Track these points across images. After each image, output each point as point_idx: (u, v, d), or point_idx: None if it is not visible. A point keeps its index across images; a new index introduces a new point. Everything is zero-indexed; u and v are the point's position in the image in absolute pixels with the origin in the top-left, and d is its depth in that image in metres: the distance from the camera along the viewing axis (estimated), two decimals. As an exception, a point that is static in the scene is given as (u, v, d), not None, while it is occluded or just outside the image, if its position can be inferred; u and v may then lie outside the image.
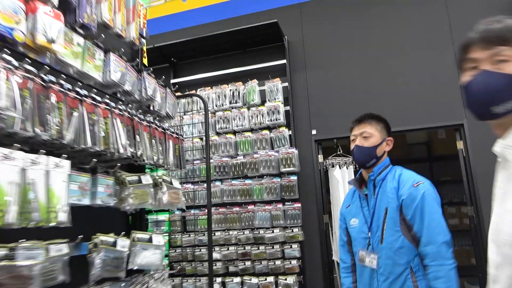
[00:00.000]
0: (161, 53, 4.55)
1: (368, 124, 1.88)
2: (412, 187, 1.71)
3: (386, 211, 1.72)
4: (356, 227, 1.85)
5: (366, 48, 4.15)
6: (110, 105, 1.17)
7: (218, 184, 4.02)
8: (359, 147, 1.84)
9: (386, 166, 1.86)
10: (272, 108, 4.00)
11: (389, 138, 1.93)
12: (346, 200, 2.05)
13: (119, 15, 1.30)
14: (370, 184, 1.83)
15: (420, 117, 3.85)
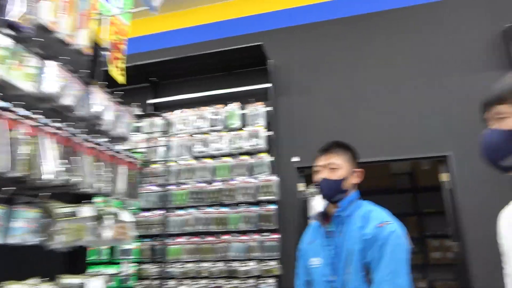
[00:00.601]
0: (140, 72, 4.38)
1: (335, 155, 1.71)
2: (377, 227, 1.54)
3: (350, 253, 1.55)
4: (317, 268, 1.65)
5: (352, 76, 4.06)
6: (40, 122, 0.98)
7: (192, 211, 3.78)
8: (326, 180, 1.66)
9: (353, 201, 1.70)
10: (252, 133, 3.83)
11: (358, 169, 1.75)
12: (307, 235, 1.84)
13: (66, 19, 1.12)
14: (335, 221, 1.65)
15: (404, 147, 3.73)
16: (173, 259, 3.72)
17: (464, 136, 3.59)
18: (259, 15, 4.61)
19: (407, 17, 4.10)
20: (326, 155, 1.71)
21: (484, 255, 3.30)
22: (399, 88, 3.90)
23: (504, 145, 0.93)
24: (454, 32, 3.92)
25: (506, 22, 3.69)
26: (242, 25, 4.61)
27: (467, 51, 3.83)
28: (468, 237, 3.37)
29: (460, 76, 3.78)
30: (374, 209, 1.66)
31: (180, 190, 3.87)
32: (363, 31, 4.17)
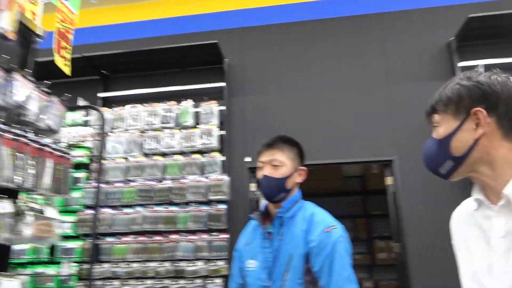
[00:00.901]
0: (91, 64, 4.20)
1: (279, 151, 1.58)
2: (324, 232, 1.44)
3: (290, 258, 1.44)
4: (253, 271, 1.52)
5: (306, 79, 4.13)
6: None
7: (140, 209, 3.67)
8: (268, 178, 1.53)
9: (296, 201, 1.59)
10: (205, 132, 3.79)
11: (302, 168, 1.63)
12: (244, 235, 1.70)
13: (-17, -1, 1.04)
14: (276, 222, 1.54)
15: (355, 151, 3.85)
16: (118, 258, 3.60)
17: (407, 142, 3.77)
18: (215, 14, 4.57)
19: (358, 26, 4.23)
20: (270, 150, 1.59)
21: (422, 256, 3.48)
22: (351, 93, 4.01)
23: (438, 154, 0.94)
24: (401, 43, 4.10)
25: (450, 36, 3.92)
26: (197, 22, 4.55)
27: (413, 61, 4.02)
28: (408, 238, 3.53)
29: (406, 85, 3.96)
30: (317, 211, 1.57)
31: (129, 187, 3.75)
32: (317, 36, 4.26)
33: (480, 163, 0.90)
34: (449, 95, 0.94)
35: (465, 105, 0.90)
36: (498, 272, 0.85)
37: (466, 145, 0.90)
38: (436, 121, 0.97)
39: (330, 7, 4.37)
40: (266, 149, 1.60)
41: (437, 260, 3.46)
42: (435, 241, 3.49)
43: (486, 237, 0.90)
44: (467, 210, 1.02)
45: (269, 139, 1.63)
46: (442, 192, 3.60)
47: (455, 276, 3.43)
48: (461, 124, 0.91)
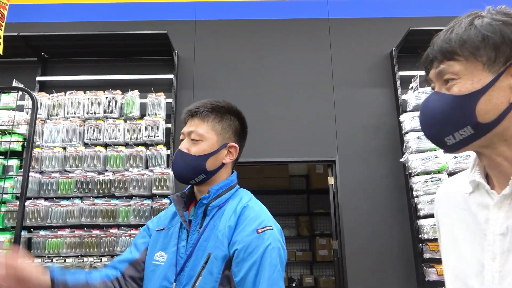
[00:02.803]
0: (28, 44, 3.91)
1: (201, 121, 1.23)
2: (255, 233, 1.11)
3: (207, 259, 1.11)
4: (159, 266, 1.18)
5: (257, 76, 4.16)
6: None
7: (77, 202, 3.49)
8: (181, 154, 1.21)
9: (229, 187, 1.25)
10: (151, 124, 3.69)
11: (232, 144, 1.27)
12: (162, 218, 1.32)
13: None
14: (199, 210, 1.20)
15: (301, 150, 3.95)
16: (52, 253, 3.40)
17: (348, 144, 3.94)
18: (167, 4, 4.45)
19: (308, 29, 4.33)
20: (192, 120, 1.25)
21: (358, 253, 3.65)
22: (299, 94, 4.11)
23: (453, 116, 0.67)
24: (347, 49, 4.27)
25: (392, 46, 4.14)
26: (148, 10, 4.40)
27: (357, 67, 4.20)
28: (346, 236, 3.69)
29: (350, 90, 4.13)
30: (251, 204, 1.20)
31: (66, 178, 3.55)
32: (268, 35, 4.30)
33: (502, 138, 0.66)
34: (485, 33, 0.65)
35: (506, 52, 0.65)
36: (491, 277, 0.67)
37: (499, 108, 0.64)
38: (454, 71, 0.68)
39: (283, 8, 4.43)
40: (187, 117, 1.26)
41: (370, 258, 3.65)
42: (370, 240, 3.68)
43: (480, 230, 0.70)
44: (457, 191, 0.80)
45: (196, 103, 1.28)
46: (379, 192, 3.81)
47: (386, 273, 3.64)
48: (497, 77, 0.65)
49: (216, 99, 1.29)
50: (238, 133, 1.30)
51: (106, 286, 1.16)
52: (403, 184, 3.81)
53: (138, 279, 1.22)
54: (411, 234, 3.65)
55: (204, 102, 1.27)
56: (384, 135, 3.98)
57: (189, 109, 1.27)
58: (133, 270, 1.23)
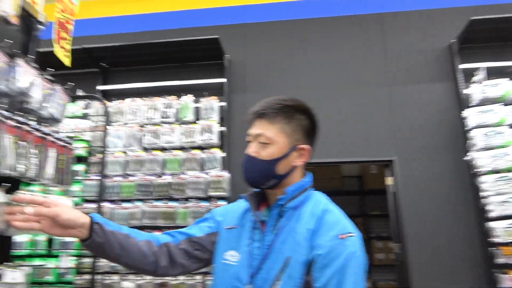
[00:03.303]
0: (90, 56, 4.16)
1: (270, 123, 1.17)
2: (337, 238, 1.07)
3: (286, 263, 1.07)
4: (231, 267, 1.15)
5: (306, 76, 4.12)
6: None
7: (139, 204, 3.64)
8: (250, 159, 1.17)
9: (304, 189, 1.20)
10: (205, 127, 3.76)
11: (303, 146, 1.19)
12: (230, 213, 1.30)
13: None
14: (274, 211, 1.17)
15: (354, 150, 3.84)
16: (115, 253, 3.57)
17: (407, 143, 3.76)
18: (217, 9, 4.54)
19: (360, 25, 4.22)
20: (259, 121, 1.19)
21: (422, 256, 3.47)
22: (351, 93, 4.00)
23: None
24: (402, 44, 4.09)
25: (451, 38, 3.91)
26: (199, 17, 4.52)
27: (414, 63, 4.01)
28: (408, 239, 3.52)
29: (407, 86, 3.95)
30: (331, 208, 1.17)
31: (127, 182, 3.72)
32: (319, 35, 4.24)
33: None
34: None
35: None
36: None
37: None
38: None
39: (333, 5, 4.35)
40: (254, 118, 1.20)
41: (435, 262, 3.45)
42: (434, 243, 3.48)
43: None
44: None
45: (261, 103, 1.21)
46: (442, 193, 3.59)
47: (453, 278, 3.42)
48: None
49: (283, 97, 1.22)
50: (309, 132, 1.22)
51: (149, 246, 1.17)
52: (467, 183, 3.57)
53: (190, 256, 1.22)
54: (479, 237, 3.41)
55: (270, 101, 1.20)
56: (445, 132, 3.76)
57: (255, 110, 1.20)
58: (189, 245, 1.23)
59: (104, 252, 1.10)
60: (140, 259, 1.14)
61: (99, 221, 1.08)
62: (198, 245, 1.23)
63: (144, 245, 1.15)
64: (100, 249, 1.08)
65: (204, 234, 1.26)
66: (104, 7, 4.82)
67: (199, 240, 1.24)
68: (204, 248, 1.24)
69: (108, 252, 1.09)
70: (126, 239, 1.12)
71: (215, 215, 1.32)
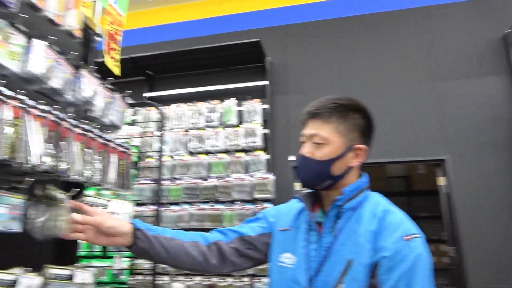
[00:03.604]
0: (136, 65, 4.32)
1: (324, 123, 1.14)
2: (402, 240, 1.03)
3: (348, 266, 1.04)
4: (288, 269, 1.13)
5: (349, 75, 4.03)
6: (26, 103, 0.92)
7: (186, 207, 3.73)
8: (305, 160, 1.15)
9: (361, 189, 1.16)
10: (249, 130, 3.79)
11: (359, 146, 1.16)
12: (283, 215, 1.28)
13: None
14: (332, 212, 1.13)
15: (401, 150, 3.70)
16: (165, 255, 3.66)
17: (460, 140, 3.57)
18: (257, 12, 4.57)
19: (405, 20, 4.07)
20: (313, 121, 1.17)
21: (480, 259, 3.28)
22: (396, 91, 3.86)
23: None
24: (450, 37, 3.90)
25: (506, 28, 3.67)
26: (239, 21, 4.56)
27: (466, 55, 3.81)
28: (464, 241, 3.34)
29: (457, 82, 3.76)
30: (390, 208, 1.13)
31: (175, 185, 3.82)
32: (361, 32, 4.14)
33: None
34: None
35: None
36: None
37: None
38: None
39: (374, 1, 4.23)
40: (308, 118, 1.18)
41: (495, 263, 3.25)
42: (493, 243, 3.28)
43: None
44: None
45: (315, 103, 1.19)
46: (498, 192, 3.38)
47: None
48: None
49: (337, 96, 1.19)
50: (365, 132, 1.19)
51: (196, 247, 1.17)
52: (529, 182, 3.33)
53: (241, 255, 1.21)
54: (546, 240, 3.17)
55: (324, 101, 1.18)
56: (501, 128, 3.53)
57: (308, 111, 1.18)
58: (241, 244, 1.22)
59: (150, 256, 1.13)
60: (187, 260, 1.16)
61: (141, 227, 1.11)
62: (250, 244, 1.23)
63: (190, 246, 1.17)
64: (145, 254, 1.12)
65: (257, 234, 1.25)
66: (148, 17, 5.00)
67: (251, 239, 1.23)
68: (256, 247, 1.24)
69: (154, 256, 1.13)
70: (170, 242, 1.14)
71: (267, 215, 1.31)
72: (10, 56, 0.92)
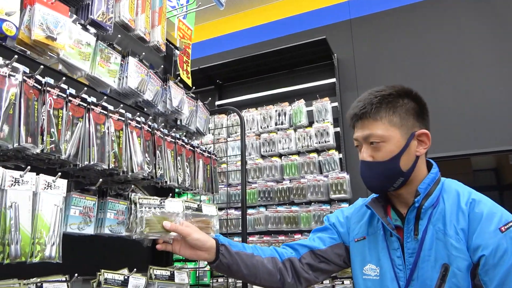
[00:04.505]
0: (206, 75, 4.49)
1: (374, 120, 1.05)
2: (499, 232, 0.93)
3: (444, 272, 0.95)
4: (373, 281, 1.07)
5: (424, 65, 3.79)
6: (125, 116, 1.00)
7: (262, 210, 3.77)
8: (368, 165, 1.06)
9: (436, 181, 1.06)
10: (320, 130, 3.73)
11: (421, 131, 1.07)
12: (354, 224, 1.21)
13: (142, 17, 1.15)
14: (411, 214, 1.04)
15: (487, 140, 3.39)
16: (245, 258, 3.74)
17: None
18: (319, 10, 4.50)
19: (477, 2, 3.72)
20: (362, 122, 1.08)
21: None
22: (478, 76, 3.55)
23: None
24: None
25: None
26: (302, 21, 4.54)
27: None
28: None
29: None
30: (475, 197, 1.02)
31: (249, 189, 3.88)
32: (430, 19, 3.87)
33: None
34: None
35: None
36: None
37: None
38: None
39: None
40: (356, 120, 1.10)
41: None
42: None
43: None
44: None
45: (356, 103, 1.11)
46: None
47: None
48: None
49: (377, 89, 1.10)
50: (419, 115, 1.09)
51: (274, 263, 1.17)
52: None
53: (314, 269, 1.19)
54: None
55: (366, 98, 1.09)
56: None
57: (354, 113, 1.10)
58: (312, 258, 1.20)
59: (231, 272, 1.14)
60: (267, 277, 1.16)
61: (225, 243, 1.13)
62: (322, 257, 1.21)
63: (269, 262, 1.17)
64: (227, 269, 1.13)
65: (327, 246, 1.23)
66: (211, 29, 5.18)
67: (322, 253, 1.21)
68: (328, 260, 1.21)
69: (235, 272, 1.14)
70: (251, 259, 1.15)
71: (336, 225, 1.26)
72: (110, 74, 1.01)
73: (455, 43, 3.71)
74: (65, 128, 0.84)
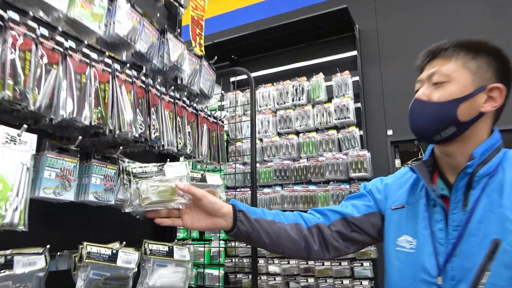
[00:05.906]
0: (221, 50, 4.32)
1: (447, 59, 0.93)
2: None
3: (494, 248, 0.82)
4: (408, 254, 0.95)
5: (451, 34, 3.50)
6: (112, 67, 0.86)
7: (278, 189, 3.63)
8: (420, 103, 0.93)
9: (496, 148, 0.92)
10: (340, 106, 3.53)
11: (496, 85, 0.90)
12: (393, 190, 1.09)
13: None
14: (461, 182, 0.90)
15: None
16: (260, 238, 3.64)
17: None
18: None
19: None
20: (435, 60, 0.96)
21: None
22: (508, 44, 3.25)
23: None
24: None
25: None
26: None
27: None
28: None
29: None
30: None
31: (265, 168, 3.75)
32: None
33: None
34: None
35: None
36: None
37: None
38: None
39: None
40: (428, 60, 0.98)
41: None
42: None
43: None
44: None
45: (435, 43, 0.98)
46: None
47: None
48: None
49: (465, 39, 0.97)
50: (502, 75, 0.92)
51: (298, 230, 1.05)
52: None
53: (345, 238, 1.08)
54: None
55: (449, 41, 0.96)
56: None
57: (428, 49, 0.98)
58: (343, 226, 1.08)
59: (251, 240, 1.03)
60: (290, 246, 1.05)
61: (243, 209, 1.01)
62: (355, 226, 1.08)
63: (292, 229, 1.05)
64: (246, 237, 1.02)
65: (361, 214, 1.10)
66: (226, 3, 4.98)
67: (355, 221, 1.08)
68: (361, 230, 1.08)
69: (255, 240, 1.02)
70: (273, 225, 1.03)
71: (373, 191, 1.14)
72: (94, 18, 0.86)
73: (484, 14, 3.41)
74: (34, 74, 0.71)
